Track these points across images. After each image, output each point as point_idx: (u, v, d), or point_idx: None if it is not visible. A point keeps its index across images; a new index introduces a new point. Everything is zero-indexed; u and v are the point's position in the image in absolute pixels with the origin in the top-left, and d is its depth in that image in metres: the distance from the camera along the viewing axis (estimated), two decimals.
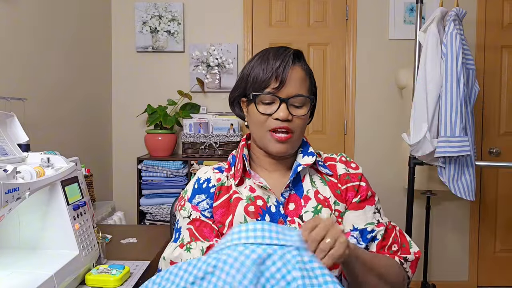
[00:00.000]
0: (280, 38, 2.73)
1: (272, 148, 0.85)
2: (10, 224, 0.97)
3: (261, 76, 0.84)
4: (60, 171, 0.95)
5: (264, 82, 0.83)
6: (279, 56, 0.84)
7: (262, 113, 0.84)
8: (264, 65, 0.84)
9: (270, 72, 0.82)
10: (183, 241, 0.83)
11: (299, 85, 0.84)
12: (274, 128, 0.83)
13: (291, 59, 0.83)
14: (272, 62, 0.83)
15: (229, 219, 0.84)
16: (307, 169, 0.90)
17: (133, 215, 2.62)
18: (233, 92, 0.93)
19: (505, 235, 2.77)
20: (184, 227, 0.86)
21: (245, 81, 0.88)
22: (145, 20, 2.71)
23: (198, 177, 0.93)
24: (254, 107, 0.85)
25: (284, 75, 0.82)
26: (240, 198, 0.86)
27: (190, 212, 0.87)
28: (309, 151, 0.90)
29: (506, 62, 2.70)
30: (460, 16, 1.90)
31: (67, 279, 0.89)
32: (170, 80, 2.75)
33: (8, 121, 1.03)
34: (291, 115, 0.83)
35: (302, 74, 0.85)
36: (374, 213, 0.88)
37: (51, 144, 2.00)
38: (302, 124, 0.86)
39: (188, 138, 2.49)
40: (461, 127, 1.82)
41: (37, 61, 1.92)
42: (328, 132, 2.77)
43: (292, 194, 0.87)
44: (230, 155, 0.96)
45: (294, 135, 0.85)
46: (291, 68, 0.83)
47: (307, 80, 0.86)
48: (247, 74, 0.87)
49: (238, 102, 0.93)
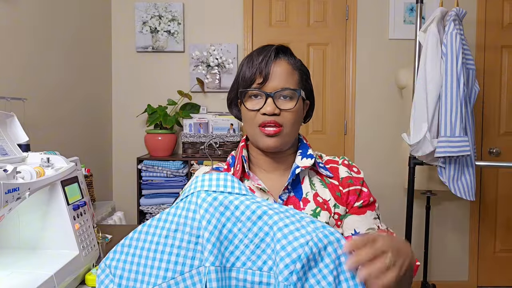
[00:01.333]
0: (280, 38, 2.72)
1: (262, 143, 0.85)
2: (10, 224, 0.97)
3: (247, 73, 0.85)
4: (60, 171, 0.94)
5: (249, 78, 0.85)
6: (262, 52, 0.85)
7: (250, 109, 0.85)
8: (249, 63, 0.86)
9: (254, 68, 0.84)
10: None
11: (285, 78, 0.84)
12: (263, 123, 0.83)
13: (273, 54, 0.85)
14: (256, 59, 0.85)
15: None
16: (307, 171, 0.89)
17: (133, 215, 2.62)
18: (229, 94, 0.94)
19: (505, 235, 2.77)
20: None
21: (237, 81, 0.90)
22: (145, 20, 2.71)
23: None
24: (243, 105, 0.86)
25: (267, 69, 0.83)
26: None
27: None
28: (308, 153, 0.89)
29: (506, 62, 2.70)
30: (460, 16, 1.90)
31: (67, 279, 0.89)
32: (170, 80, 2.75)
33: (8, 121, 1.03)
34: (278, 109, 0.83)
35: (288, 67, 0.85)
36: (375, 219, 0.88)
37: (51, 144, 2.00)
38: (292, 118, 0.85)
39: (188, 138, 2.49)
40: (461, 127, 1.82)
41: (37, 61, 1.92)
42: (328, 132, 2.77)
43: (291, 196, 0.86)
44: (229, 155, 0.96)
45: (284, 129, 0.84)
46: (274, 62, 0.84)
47: (296, 74, 0.86)
48: (238, 75, 0.89)
49: (235, 104, 0.94)
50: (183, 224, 0.63)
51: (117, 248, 0.66)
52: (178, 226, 0.63)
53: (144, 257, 0.63)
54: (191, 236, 0.62)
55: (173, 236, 0.63)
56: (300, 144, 0.93)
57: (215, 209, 0.62)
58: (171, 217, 0.64)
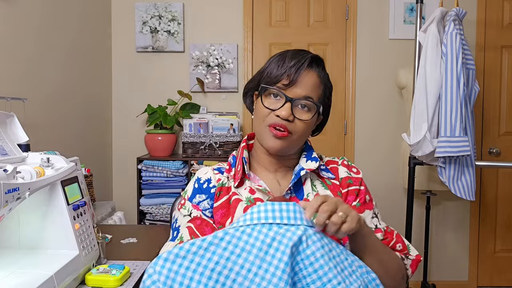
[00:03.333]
0: (280, 38, 2.73)
1: (267, 143, 0.85)
2: (10, 224, 0.97)
3: (274, 71, 0.84)
4: (60, 171, 0.94)
5: (275, 77, 0.84)
6: (296, 57, 0.84)
7: (266, 106, 0.84)
8: (280, 62, 0.85)
9: (284, 69, 0.83)
10: (182, 239, 0.82)
11: (310, 89, 0.83)
12: (274, 124, 0.83)
13: (307, 62, 0.84)
14: (288, 61, 0.84)
15: (229, 220, 0.84)
16: (309, 173, 0.90)
17: (133, 215, 2.62)
18: (248, 83, 0.94)
19: (505, 235, 2.77)
20: (183, 225, 0.85)
21: (260, 74, 0.89)
22: (145, 20, 2.71)
23: (198, 177, 0.92)
24: (260, 100, 0.86)
25: (296, 75, 0.82)
26: (240, 200, 0.85)
27: (191, 211, 0.87)
28: (313, 156, 0.90)
29: (506, 62, 2.70)
30: (460, 16, 1.90)
31: (67, 279, 0.89)
32: (170, 80, 2.75)
33: (8, 121, 1.03)
34: (293, 116, 0.82)
35: (316, 80, 0.85)
36: (372, 218, 0.88)
37: (51, 144, 2.00)
38: (303, 129, 0.84)
39: (188, 138, 2.49)
40: (461, 127, 1.82)
41: (37, 61, 1.92)
42: (328, 133, 2.77)
43: (293, 197, 0.87)
44: (230, 155, 0.95)
45: (293, 136, 0.84)
46: (305, 70, 0.83)
47: (321, 88, 0.86)
48: (264, 68, 0.88)
49: (251, 95, 0.94)
50: (248, 252, 0.64)
51: (169, 256, 0.64)
52: (242, 252, 0.64)
53: (199, 273, 0.63)
54: (258, 268, 0.63)
55: (233, 260, 0.64)
56: (305, 146, 0.93)
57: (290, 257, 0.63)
58: (235, 240, 0.65)
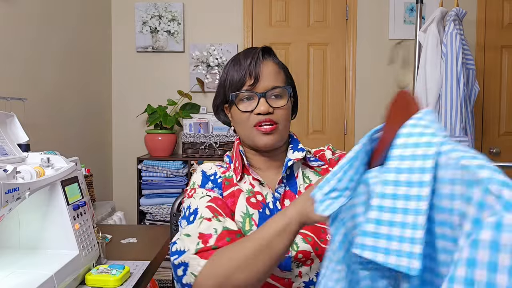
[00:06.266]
0: (280, 38, 2.72)
1: (260, 142, 0.86)
2: (10, 224, 0.97)
3: (235, 77, 0.86)
4: (60, 171, 0.94)
5: (239, 81, 0.86)
6: (249, 55, 0.87)
7: (244, 111, 0.86)
8: (236, 66, 0.87)
9: (244, 70, 0.85)
10: (205, 217, 0.77)
11: (274, 77, 0.86)
12: (258, 122, 0.85)
13: (261, 55, 0.87)
14: (244, 61, 0.86)
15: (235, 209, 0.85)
16: (299, 165, 0.92)
17: (133, 215, 2.62)
18: (215, 100, 0.95)
19: None
20: (202, 206, 0.80)
21: (223, 86, 0.90)
22: (145, 20, 2.71)
23: (203, 170, 0.92)
24: (235, 108, 0.87)
25: (257, 70, 0.85)
26: (242, 190, 0.87)
27: (207, 193, 0.84)
28: (299, 147, 0.92)
29: (506, 62, 2.70)
30: (460, 16, 1.90)
31: (67, 279, 0.89)
32: (170, 80, 2.75)
33: (8, 121, 1.03)
34: (271, 108, 0.84)
35: (275, 67, 0.88)
36: None
37: (51, 144, 2.00)
38: (285, 115, 0.87)
39: (188, 138, 2.49)
40: (461, 127, 1.82)
41: (37, 61, 1.92)
42: (328, 132, 2.77)
43: (287, 191, 0.88)
44: (224, 156, 0.97)
45: (279, 126, 0.86)
46: (262, 63, 0.86)
47: (281, 73, 0.89)
48: (224, 80, 0.90)
49: (222, 110, 0.96)
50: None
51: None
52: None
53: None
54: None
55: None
56: (291, 140, 0.95)
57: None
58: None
